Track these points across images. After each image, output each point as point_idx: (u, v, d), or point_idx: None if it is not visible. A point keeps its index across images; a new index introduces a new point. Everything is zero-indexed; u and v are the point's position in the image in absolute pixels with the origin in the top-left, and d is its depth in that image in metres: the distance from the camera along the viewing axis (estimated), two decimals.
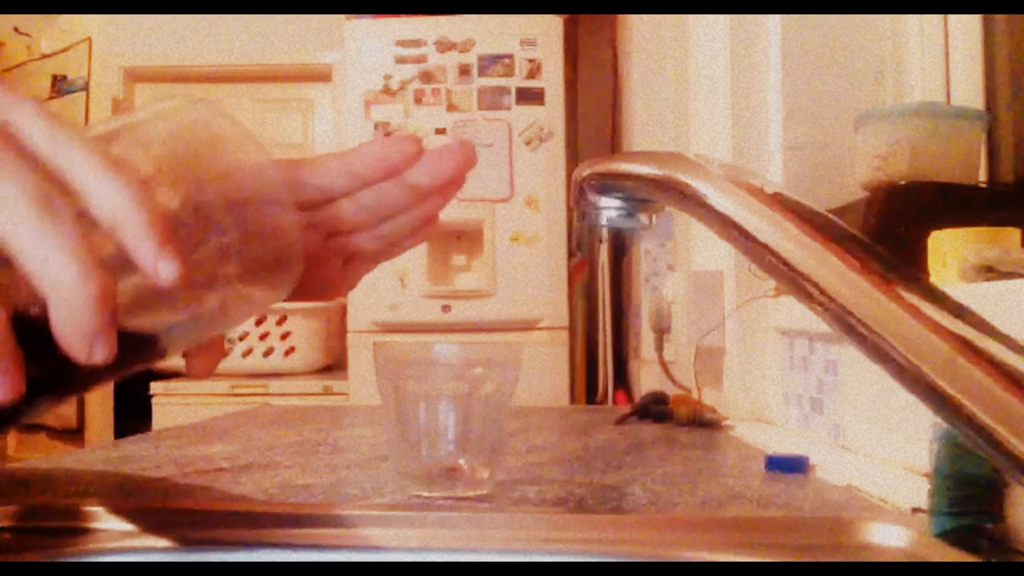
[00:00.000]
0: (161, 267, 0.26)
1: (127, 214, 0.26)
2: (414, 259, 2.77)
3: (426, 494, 0.62)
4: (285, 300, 0.40)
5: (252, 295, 0.37)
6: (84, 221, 0.26)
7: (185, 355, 0.38)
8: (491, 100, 2.82)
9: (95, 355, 0.26)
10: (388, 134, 2.83)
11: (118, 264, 0.27)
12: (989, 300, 0.62)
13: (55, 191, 0.25)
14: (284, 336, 2.95)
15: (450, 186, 0.41)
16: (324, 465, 0.76)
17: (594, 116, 3.27)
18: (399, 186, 0.41)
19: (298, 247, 0.37)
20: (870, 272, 0.30)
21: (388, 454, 0.67)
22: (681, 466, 0.76)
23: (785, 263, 0.32)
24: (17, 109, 0.27)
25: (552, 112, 2.82)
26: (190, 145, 0.35)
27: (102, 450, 0.85)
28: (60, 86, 3.57)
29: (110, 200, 0.26)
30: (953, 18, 1.10)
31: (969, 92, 1.07)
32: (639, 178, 0.40)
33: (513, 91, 2.82)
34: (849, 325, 0.30)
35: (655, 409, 1.09)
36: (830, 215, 0.33)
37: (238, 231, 0.34)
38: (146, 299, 0.31)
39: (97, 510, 0.56)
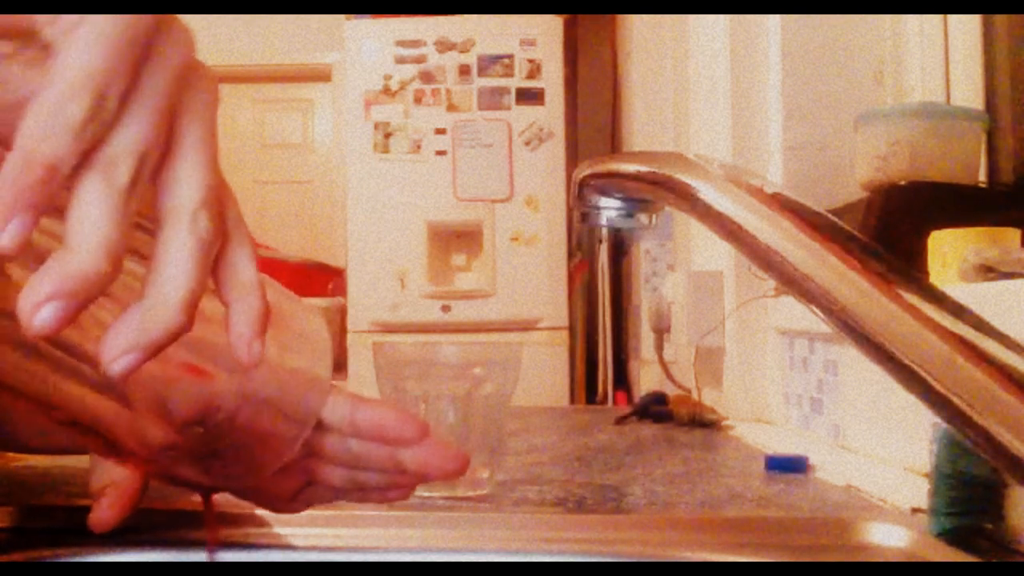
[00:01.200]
0: (253, 346, 0.30)
1: (253, 293, 0.30)
2: (414, 259, 2.77)
3: (426, 494, 0.62)
4: (223, 488, 0.41)
5: (206, 467, 0.38)
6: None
7: (93, 501, 0.40)
8: (491, 100, 2.82)
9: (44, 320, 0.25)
10: (388, 135, 2.83)
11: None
12: (989, 300, 0.62)
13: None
14: None
15: (428, 478, 0.44)
16: None
17: (594, 116, 3.27)
18: (387, 452, 0.42)
19: (275, 465, 0.38)
20: (870, 272, 0.31)
21: None
22: (681, 466, 0.76)
23: (785, 263, 0.32)
24: (229, 194, 0.31)
25: (552, 112, 2.82)
26: (283, 325, 0.37)
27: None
28: None
29: (249, 276, 0.30)
30: (953, 18, 1.10)
31: (969, 92, 1.07)
32: (639, 178, 0.40)
33: (513, 91, 2.82)
34: (849, 325, 0.30)
35: (655, 409, 1.09)
36: (830, 215, 0.33)
37: (249, 412, 0.35)
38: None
39: None
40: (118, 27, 0.26)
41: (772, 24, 1.17)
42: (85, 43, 0.25)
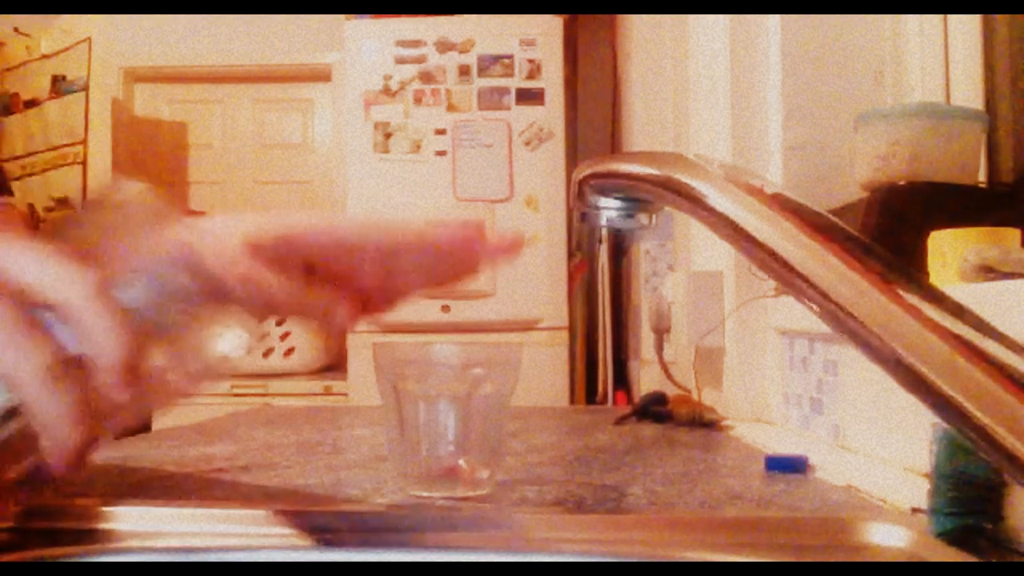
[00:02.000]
0: (118, 396, 0.36)
1: (112, 366, 0.36)
2: None
3: (426, 494, 0.62)
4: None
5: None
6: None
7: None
8: (491, 100, 2.82)
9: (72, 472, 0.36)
10: (388, 135, 2.82)
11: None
12: (989, 300, 0.62)
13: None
14: (284, 336, 2.95)
15: (498, 258, 0.50)
16: (324, 465, 0.76)
17: (594, 116, 3.27)
18: (456, 259, 0.48)
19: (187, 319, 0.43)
20: (870, 272, 0.30)
21: (388, 454, 0.68)
22: (681, 466, 0.76)
23: (785, 263, 0.32)
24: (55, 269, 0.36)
25: (552, 112, 2.82)
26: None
27: (102, 450, 0.85)
28: (60, 86, 3.57)
29: (107, 352, 0.35)
30: (953, 18, 1.10)
31: (969, 92, 1.07)
32: (639, 178, 0.40)
33: (513, 91, 2.82)
34: (849, 325, 0.30)
35: (655, 409, 1.09)
36: (830, 215, 0.33)
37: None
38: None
39: (97, 510, 0.56)
40: None
41: (772, 24, 1.17)
42: None
